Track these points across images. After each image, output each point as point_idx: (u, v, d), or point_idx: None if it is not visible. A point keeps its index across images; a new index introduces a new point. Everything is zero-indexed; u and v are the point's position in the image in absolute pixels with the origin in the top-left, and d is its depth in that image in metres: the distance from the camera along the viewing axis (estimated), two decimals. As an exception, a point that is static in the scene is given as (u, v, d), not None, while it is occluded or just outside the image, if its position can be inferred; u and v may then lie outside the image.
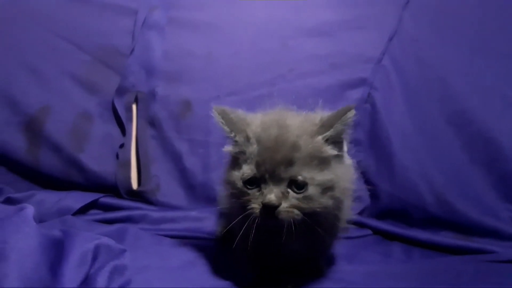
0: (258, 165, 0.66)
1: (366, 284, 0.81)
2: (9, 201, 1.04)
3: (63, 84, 1.19)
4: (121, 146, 1.18)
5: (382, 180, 1.23)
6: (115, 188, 1.16)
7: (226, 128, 0.71)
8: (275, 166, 0.65)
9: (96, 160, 1.16)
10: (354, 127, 1.18)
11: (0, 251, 0.57)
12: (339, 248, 1.09)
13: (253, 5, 1.27)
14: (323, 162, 0.67)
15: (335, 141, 0.68)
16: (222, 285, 0.76)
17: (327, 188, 0.66)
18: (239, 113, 0.75)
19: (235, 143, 0.70)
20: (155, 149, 1.20)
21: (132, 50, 1.19)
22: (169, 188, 1.19)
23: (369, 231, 1.20)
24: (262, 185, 0.66)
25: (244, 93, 1.24)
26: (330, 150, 0.67)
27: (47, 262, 0.61)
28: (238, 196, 0.68)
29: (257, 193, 0.66)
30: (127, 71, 1.19)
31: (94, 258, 0.71)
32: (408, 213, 1.20)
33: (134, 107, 1.21)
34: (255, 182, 0.66)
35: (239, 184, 0.67)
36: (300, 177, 0.65)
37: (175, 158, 1.20)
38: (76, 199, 1.08)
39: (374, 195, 1.24)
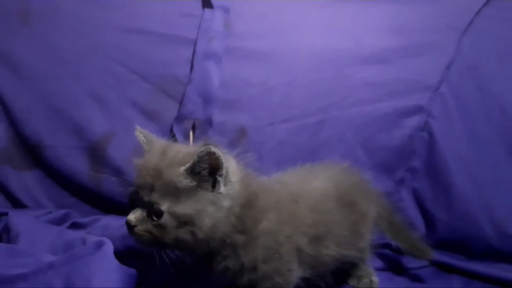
0: (133, 188, 0.71)
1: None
2: (75, 225, 1.08)
3: (125, 112, 1.23)
4: (178, 171, 1.21)
5: (440, 210, 1.20)
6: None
7: (145, 146, 0.76)
8: (138, 190, 0.69)
9: (156, 185, 1.19)
10: (410, 155, 1.23)
11: None
12: (396, 280, 1.08)
13: (310, 34, 1.28)
14: (184, 194, 0.68)
15: (196, 174, 0.68)
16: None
17: (184, 222, 0.67)
18: (154, 139, 0.78)
19: None
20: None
21: (191, 79, 1.22)
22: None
23: (426, 262, 1.17)
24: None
25: (299, 120, 1.25)
26: (186, 181, 0.67)
27: (127, 298, 0.64)
28: None
29: None
30: (186, 99, 1.22)
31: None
32: (467, 245, 1.17)
33: (191, 134, 1.24)
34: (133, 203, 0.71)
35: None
36: (156, 205, 0.67)
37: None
38: (138, 224, 1.11)
39: (430, 224, 1.22)
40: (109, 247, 0.67)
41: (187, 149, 0.73)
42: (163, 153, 0.71)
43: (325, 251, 0.82)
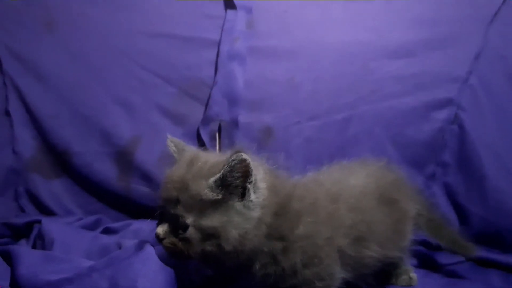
0: (160, 201, 0.70)
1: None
2: (107, 231, 1.08)
3: (152, 116, 1.23)
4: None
5: (473, 204, 1.18)
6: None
7: (175, 155, 0.75)
8: (164, 203, 0.68)
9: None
10: (440, 149, 1.20)
11: (131, 288, 0.60)
12: (433, 277, 1.06)
13: (334, 29, 1.27)
14: (210, 206, 0.66)
15: (226, 185, 0.66)
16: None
17: (210, 235, 0.65)
18: (185, 147, 0.76)
19: None
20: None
21: (216, 81, 1.22)
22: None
23: (461, 258, 1.15)
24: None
25: (326, 117, 1.24)
26: (213, 194, 0.65)
27: (172, 298, 0.64)
28: None
29: None
30: (212, 101, 1.22)
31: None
32: (503, 238, 1.14)
33: (217, 136, 1.23)
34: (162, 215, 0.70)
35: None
36: (181, 218, 0.66)
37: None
38: (169, 227, 1.10)
39: (464, 219, 1.20)
40: (151, 249, 0.67)
41: (214, 159, 0.70)
42: (190, 164, 0.69)
43: (367, 252, 0.79)
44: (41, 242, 0.95)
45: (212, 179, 0.65)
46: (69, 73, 1.23)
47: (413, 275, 0.97)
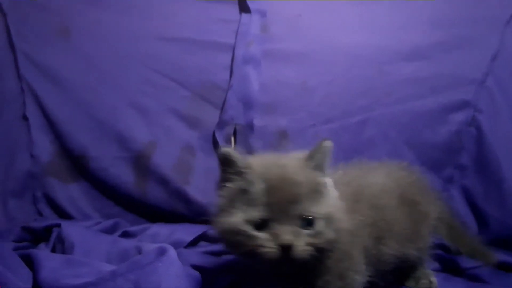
0: (267, 206, 0.64)
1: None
2: (125, 235, 1.08)
3: (167, 120, 1.24)
4: (222, 177, 1.21)
5: (492, 207, 1.17)
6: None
7: (241, 163, 0.68)
8: (284, 205, 0.64)
9: (201, 192, 1.20)
10: (458, 151, 1.19)
11: (156, 293, 0.61)
12: (454, 281, 1.05)
13: (347, 32, 1.27)
14: (320, 195, 0.67)
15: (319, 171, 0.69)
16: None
17: (329, 220, 0.66)
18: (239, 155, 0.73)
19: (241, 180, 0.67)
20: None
21: (231, 85, 1.23)
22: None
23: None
24: (273, 226, 0.63)
25: (341, 120, 1.24)
26: (322, 178, 0.68)
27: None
28: (244, 243, 0.63)
29: (269, 236, 0.62)
30: (227, 105, 1.22)
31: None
32: (522, 241, 1.13)
33: (232, 139, 1.23)
34: (263, 224, 0.63)
35: (246, 228, 0.63)
36: (308, 213, 0.64)
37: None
38: (187, 231, 1.10)
39: (483, 222, 1.18)
40: (173, 253, 0.67)
41: (289, 155, 0.72)
42: (278, 164, 0.69)
43: (386, 249, 0.80)
44: (61, 246, 0.95)
45: (319, 167, 0.69)
46: (84, 78, 1.24)
47: (433, 279, 0.96)
